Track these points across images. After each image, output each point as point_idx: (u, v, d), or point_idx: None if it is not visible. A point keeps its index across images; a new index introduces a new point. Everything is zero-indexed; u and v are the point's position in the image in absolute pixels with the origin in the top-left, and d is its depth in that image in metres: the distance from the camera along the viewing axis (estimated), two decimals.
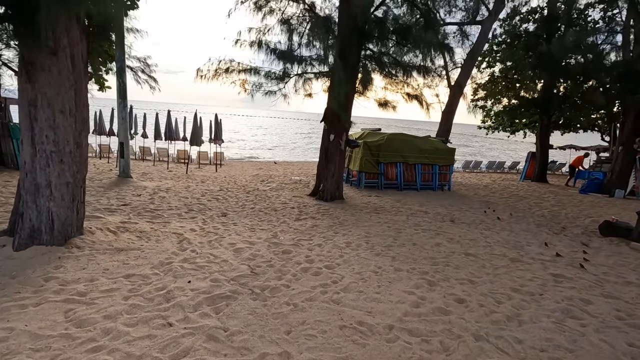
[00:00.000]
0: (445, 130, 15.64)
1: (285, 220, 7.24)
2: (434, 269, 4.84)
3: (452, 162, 12.46)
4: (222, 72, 10.06)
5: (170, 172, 14.28)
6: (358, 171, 11.66)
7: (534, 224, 7.92)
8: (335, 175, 9.39)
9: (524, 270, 4.98)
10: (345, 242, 5.88)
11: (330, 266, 4.76)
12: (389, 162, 11.64)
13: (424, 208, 8.88)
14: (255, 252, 5.09)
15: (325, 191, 9.40)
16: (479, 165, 24.86)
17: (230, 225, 6.60)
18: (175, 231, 5.85)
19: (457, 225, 7.33)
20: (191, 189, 10.18)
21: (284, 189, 10.97)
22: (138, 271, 4.10)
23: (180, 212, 7.37)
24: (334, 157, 9.29)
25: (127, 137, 9.83)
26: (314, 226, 6.81)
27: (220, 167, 19.70)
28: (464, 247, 5.92)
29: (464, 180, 16.77)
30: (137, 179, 11.23)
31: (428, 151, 12.03)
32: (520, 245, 6.21)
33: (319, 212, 7.99)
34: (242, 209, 8.10)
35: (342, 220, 7.28)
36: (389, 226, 6.94)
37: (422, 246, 5.84)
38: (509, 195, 11.87)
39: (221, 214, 7.47)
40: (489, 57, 20.87)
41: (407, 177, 11.87)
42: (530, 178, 17.52)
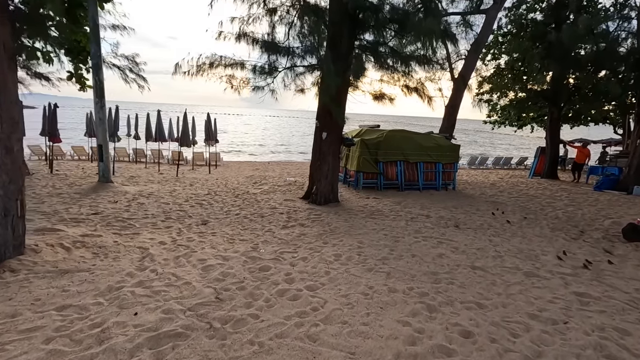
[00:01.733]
0: (449, 126, 14.83)
1: (271, 228, 6.54)
2: (435, 288, 4.10)
3: (456, 160, 11.67)
4: (207, 68, 9.35)
5: (160, 175, 13.66)
6: (355, 171, 10.93)
7: (548, 228, 7.14)
8: (329, 177, 8.67)
9: (541, 288, 4.22)
10: (334, 254, 5.16)
11: (313, 287, 4.04)
12: (388, 160, 10.89)
13: (425, 211, 8.12)
14: (227, 270, 4.39)
15: (318, 194, 8.68)
16: (485, 162, 23.99)
17: (208, 236, 5.91)
18: (141, 245, 5.17)
19: (462, 231, 6.57)
20: (176, 193, 9.52)
21: (276, 192, 10.27)
22: (77, 300, 3.42)
23: (156, 220, 6.70)
24: (327, 156, 8.57)
25: (105, 139, 9.19)
26: (302, 235, 6.10)
27: (215, 168, 19.09)
28: (471, 258, 5.17)
29: (470, 177, 15.95)
30: (121, 183, 10.61)
31: (430, 148, 11.26)
32: (535, 255, 5.44)
33: (310, 218, 7.28)
34: (226, 215, 7.42)
35: (334, 228, 6.56)
36: (386, 234, 6.20)
37: (422, 258, 5.10)
38: (518, 194, 11.06)
39: (201, 222, 6.80)
40: (494, 49, 19.97)
41: (408, 176, 11.11)
42: (540, 174, 16.64)
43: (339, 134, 8.59)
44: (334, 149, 8.62)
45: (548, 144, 16.55)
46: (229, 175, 15.03)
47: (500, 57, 20.07)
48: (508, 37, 18.99)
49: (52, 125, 12.68)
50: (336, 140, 8.59)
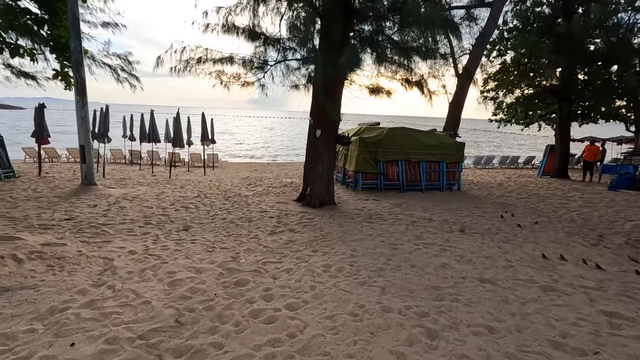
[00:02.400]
0: (454, 124, 14.17)
1: (258, 234, 5.97)
2: (437, 307, 3.50)
3: (461, 159, 11.03)
4: (194, 64, 8.82)
5: (152, 177, 13.18)
6: (354, 171, 10.33)
7: (564, 232, 6.48)
8: (324, 177, 8.08)
9: (562, 307, 3.60)
10: (323, 264, 4.58)
11: (294, 305, 3.46)
12: (388, 160, 10.28)
13: (428, 214, 7.50)
14: (197, 286, 3.82)
15: (312, 196, 8.10)
16: (492, 161, 23.25)
17: (186, 244, 5.35)
18: (107, 255, 4.63)
19: (468, 237, 5.95)
20: (164, 196, 9.00)
21: (269, 194, 9.70)
22: (6, 327, 2.87)
23: (134, 226, 6.17)
24: (322, 155, 7.98)
25: (88, 139, 8.68)
26: (290, 242, 5.52)
27: (213, 169, 18.61)
28: (478, 269, 4.55)
29: (476, 177, 15.27)
30: (107, 185, 10.12)
31: (433, 147, 10.63)
32: (552, 265, 4.81)
33: (301, 222, 6.69)
34: (212, 220, 6.87)
35: (327, 233, 5.97)
36: (383, 240, 5.60)
37: (422, 269, 4.50)
38: (528, 195, 10.38)
39: (183, 228, 6.25)
40: (499, 45, 19.28)
41: (410, 176, 10.48)
42: (549, 173, 15.91)
43: (334, 131, 8.00)
44: (329, 147, 8.03)
45: (558, 141, 15.82)
46: (225, 176, 14.51)
47: (506, 54, 19.38)
48: (514, 32, 18.33)
49: (40, 126, 12.23)
50: (331, 139, 8.01)
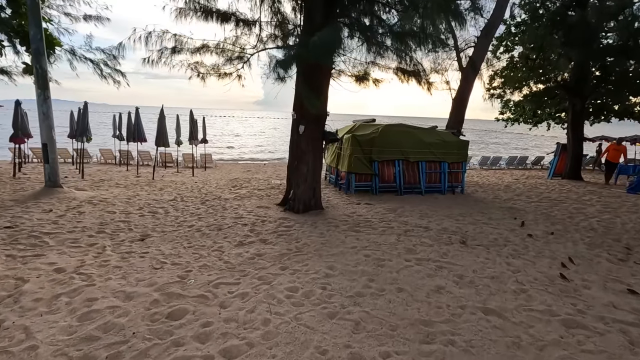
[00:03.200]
0: (457, 121, 13.20)
1: (223, 245, 5.11)
2: (425, 354, 2.60)
3: (464, 159, 10.07)
4: (169, 54, 8.00)
5: (137, 178, 12.40)
6: (346, 172, 9.43)
7: (584, 244, 5.52)
8: (309, 179, 7.20)
9: (595, 354, 2.68)
10: (289, 287, 3.70)
11: (233, 351, 2.59)
12: (384, 160, 9.36)
13: (425, 221, 6.56)
14: (115, 320, 2.96)
15: (295, 200, 7.22)
16: (498, 162, 22.17)
17: (133, 258, 4.50)
18: (23, 275, 3.79)
19: (470, 250, 5.01)
20: (135, 199, 8.18)
21: (252, 197, 8.84)
22: None
23: (82, 236, 5.33)
24: (306, 155, 7.10)
25: (51, 137, 7.90)
26: (257, 256, 4.64)
27: (205, 170, 17.83)
28: (481, 294, 3.63)
29: (481, 179, 14.27)
30: (81, 187, 9.34)
31: (434, 145, 9.69)
32: (574, 288, 3.87)
33: (277, 231, 5.81)
34: (177, 227, 6.02)
35: (303, 245, 5.07)
36: (368, 255, 4.69)
37: (411, 294, 3.59)
38: (539, 199, 9.39)
39: (139, 238, 5.40)
40: (506, 40, 18.26)
41: (409, 178, 9.55)
42: (561, 175, 14.86)
43: (319, 127, 7.12)
44: (314, 145, 7.15)
45: (570, 140, 14.77)
46: (214, 177, 13.70)
47: (513, 49, 18.37)
48: (521, 27, 17.34)
49: (15, 125, 11.54)
50: (317, 135, 7.12)
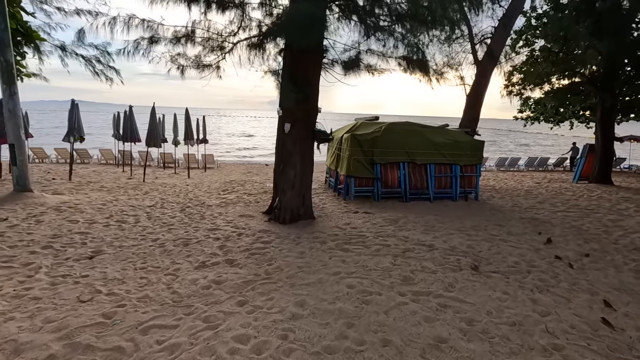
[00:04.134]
0: (472, 119, 12.05)
1: (181, 267, 4.24)
2: None
3: (479, 161, 8.96)
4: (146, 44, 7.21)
5: (128, 180, 11.74)
6: (345, 176, 8.47)
7: (630, 270, 4.41)
8: (297, 185, 6.27)
9: None
10: (239, 335, 2.79)
11: None
12: (388, 162, 8.35)
13: (430, 236, 5.54)
14: None
15: (281, 208, 6.31)
16: (517, 163, 20.76)
17: (65, 285, 3.68)
18: None
19: (484, 280, 3.99)
20: (110, 205, 7.44)
21: (239, 203, 7.97)
22: None
23: (22, 252, 4.56)
24: (293, 156, 6.18)
25: (19, 136, 7.22)
26: (215, 284, 3.75)
27: (205, 171, 17.15)
28: (499, 355, 2.63)
29: (498, 182, 13.05)
30: (60, 190, 8.68)
31: (445, 146, 8.61)
32: (628, 343, 2.82)
33: (251, 248, 4.90)
34: (140, 241, 5.20)
35: (275, 269, 4.15)
36: (353, 285, 3.72)
37: (400, 351, 2.62)
38: (566, 207, 8.19)
39: (88, 255, 4.60)
40: (526, 34, 16.91)
41: (415, 182, 8.51)
42: (587, 178, 13.49)
43: (308, 125, 6.18)
44: (303, 146, 6.22)
45: (598, 140, 13.39)
46: (209, 180, 12.95)
47: (533, 43, 17.01)
48: (543, 18, 16.02)
49: None
50: (305, 135, 6.19)
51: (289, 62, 5.93)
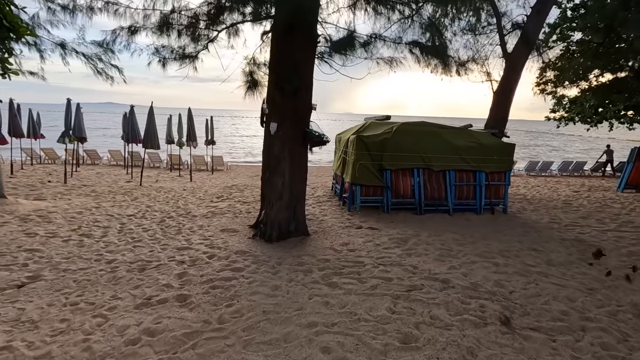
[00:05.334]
0: (499, 119, 10.67)
1: (119, 304, 3.33)
2: None
3: (508, 168, 7.65)
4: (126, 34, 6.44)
5: (126, 184, 11.13)
6: (350, 183, 7.40)
7: None
8: (286, 196, 5.27)
9: None
10: None
11: None
12: (399, 168, 7.21)
13: (445, 266, 4.38)
14: None
15: (268, 223, 5.32)
16: (549, 167, 18.94)
17: None
18: None
19: (519, 343, 2.83)
20: (86, 214, 6.72)
21: (228, 213, 7.05)
22: None
23: None
24: (281, 163, 5.18)
25: None
26: (147, 336, 2.80)
27: (212, 173, 16.48)
28: None
29: (529, 190, 11.58)
30: (52, 194, 8.08)
31: (467, 150, 7.38)
32: None
33: (217, 277, 3.92)
34: (91, 264, 4.37)
35: (233, 314, 3.15)
36: (328, 349, 2.66)
37: None
38: (616, 224, 6.78)
39: (18, 285, 3.77)
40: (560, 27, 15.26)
41: (431, 192, 7.32)
42: (635, 186, 11.77)
43: (299, 124, 5.16)
44: (294, 149, 5.20)
45: None
46: (211, 183, 12.17)
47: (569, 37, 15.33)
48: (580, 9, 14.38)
49: None
50: (295, 136, 5.17)
51: (275, 47, 4.95)
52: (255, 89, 5.09)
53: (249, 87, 5.06)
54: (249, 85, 5.06)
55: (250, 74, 5.14)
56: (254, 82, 5.07)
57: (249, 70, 5.20)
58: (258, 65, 5.32)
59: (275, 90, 5.02)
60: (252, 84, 5.05)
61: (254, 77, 5.14)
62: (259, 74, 5.25)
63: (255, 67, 5.29)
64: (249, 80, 5.09)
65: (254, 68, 5.27)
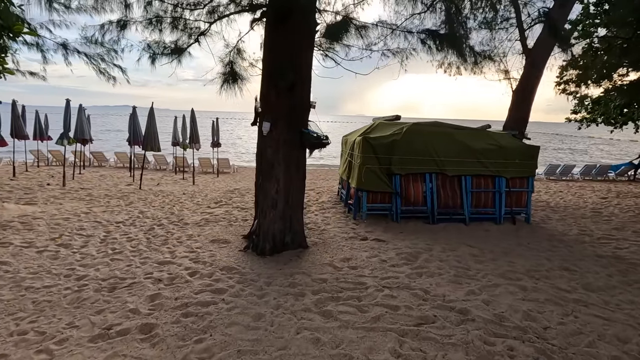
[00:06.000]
0: (519, 119, 9.92)
1: (73, 335, 2.82)
2: None
3: (531, 173, 6.91)
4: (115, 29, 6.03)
5: (124, 187, 10.77)
6: (355, 189, 6.79)
7: None
8: (280, 204, 4.70)
9: None
10: None
11: None
12: (410, 172, 6.57)
13: (462, 289, 3.72)
14: None
15: (260, 235, 4.76)
16: (571, 171, 17.92)
17: None
18: None
19: None
20: (73, 221, 6.30)
21: (222, 221, 6.53)
22: None
23: None
24: (275, 167, 4.62)
25: None
26: None
27: (217, 176, 16.09)
28: None
29: (552, 196, 10.74)
30: (45, 197, 7.73)
31: (486, 152, 6.69)
32: None
33: (192, 302, 3.37)
34: (61, 279, 3.90)
35: (200, 353, 2.58)
36: None
37: None
38: None
39: None
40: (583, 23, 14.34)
41: (445, 199, 6.65)
42: None
43: (297, 124, 4.59)
44: (289, 152, 4.64)
45: None
46: (212, 187, 11.73)
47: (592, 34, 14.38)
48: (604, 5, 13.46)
49: None
50: (291, 138, 4.61)
51: (268, 38, 4.41)
52: (235, 83, 4.54)
53: (227, 81, 4.52)
54: (227, 78, 4.52)
55: (231, 65, 4.60)
56: (233, 75, 4.52)
57: (228, 61, 4.66)
58: (242, 55, 4.78)
59: (269, 85, 4.47)
60: (231, 77, 4.50)
61: (234, 68, 4.59)
62: (242, 66, 4.72)
63: (239, 58, 4.76)
64: (228, 72, 4.55)
65: (236, 59, 4.73)
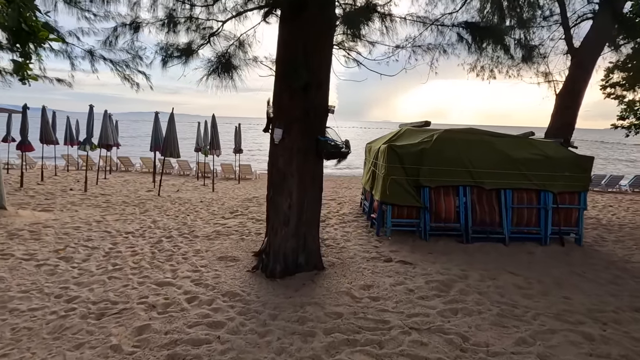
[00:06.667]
0: (564, 125, 8.95)
1: None
2: None
3: (584, 188, 6.02)
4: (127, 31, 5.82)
5: (144, 193, 10.67)
6: (379, 202, 6.16)
7: None
8: (293, 221, 4.18)
9: None
10: None
11: None
12: (440, 185, 5.88)
13: (509, 337, 3.02)
14: None
15: (270, 254, 4.25)
16: (618, 182, 16.36)
17: None
18: None
19: None
20: (82, 230, 6.08)
21: (234, 234, 6.09)
22: None
23: None
24: (287, 180, 4.11)
25: None
26: None
27: (239, 182, 15.86)
28: None
29: (600, 210, 9.61)
30: (62, 203, 7.65)
31: (529, 163, 5.88)
32: None
33: (181, 340, 2.89)
34: (50, 300, 3.54)
35: None
36: None
37: None
38: None
39: None
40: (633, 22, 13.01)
41: (482, 215, 5.88)
42: None
43: (311, 130, 4.07)
44: (304, 163, 4.12)
45: None
46: (233, 194, 11.44)
47: None
48: None
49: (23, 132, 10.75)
50: (306, 147, 4.08)
51: (281, 35, 3.93)
52: (227, 74, 4.06)
53: (214, 70, 4.04)
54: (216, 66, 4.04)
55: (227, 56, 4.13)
56: (226, 65, 4.03)
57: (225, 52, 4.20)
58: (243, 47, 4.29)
59: (282, 87, 3.99)
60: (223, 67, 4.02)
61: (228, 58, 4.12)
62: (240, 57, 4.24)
63: (239, 49, 4.29)
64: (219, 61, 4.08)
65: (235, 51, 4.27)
